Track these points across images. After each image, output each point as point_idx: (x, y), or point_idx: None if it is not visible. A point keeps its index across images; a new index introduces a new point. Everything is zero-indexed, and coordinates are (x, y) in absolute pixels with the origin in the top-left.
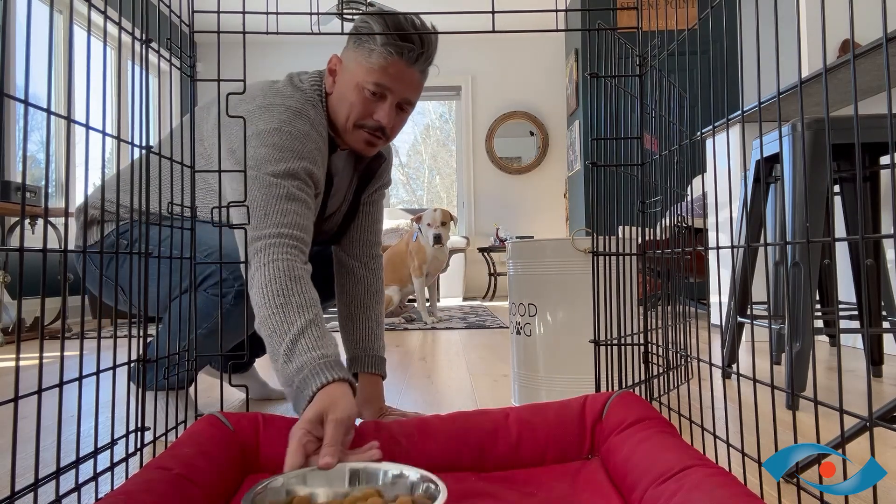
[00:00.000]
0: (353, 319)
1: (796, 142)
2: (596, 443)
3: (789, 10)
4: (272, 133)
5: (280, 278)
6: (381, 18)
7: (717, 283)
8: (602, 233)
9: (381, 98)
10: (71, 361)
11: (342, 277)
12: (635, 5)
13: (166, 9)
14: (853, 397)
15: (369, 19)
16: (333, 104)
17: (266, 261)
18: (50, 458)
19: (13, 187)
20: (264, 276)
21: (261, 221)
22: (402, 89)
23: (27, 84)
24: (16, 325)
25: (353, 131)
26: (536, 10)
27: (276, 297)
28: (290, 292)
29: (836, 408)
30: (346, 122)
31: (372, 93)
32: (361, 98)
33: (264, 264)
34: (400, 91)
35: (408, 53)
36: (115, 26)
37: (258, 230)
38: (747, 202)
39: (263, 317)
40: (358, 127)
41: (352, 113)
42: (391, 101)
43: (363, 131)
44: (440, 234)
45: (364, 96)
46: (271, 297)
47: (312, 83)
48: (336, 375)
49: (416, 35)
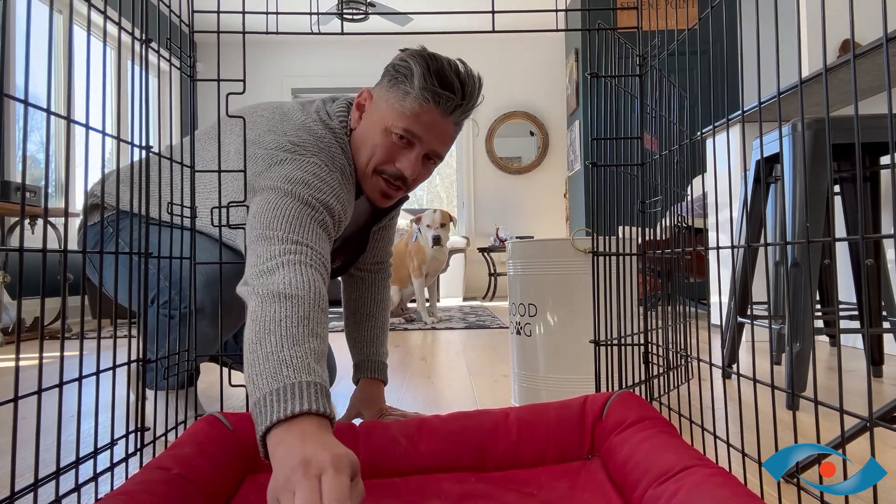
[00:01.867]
0: (359, 325)
1: (796, 142)
2: (596, 443)
3: (789, 10)
4: (305, 185)
5: (316, 294)
6: (424, 61)
7: (717, 283)
8: (602, 233)
9: (408, 146)
10: (71, 361)
11: (349, 284)
12: (635, 5)
13: (166, 9)
14: (853, 397)
15: (409, 59)
16: (356, 143)
17: (306, 262)
18: (50, 459)
19: (13, 187)
20: (301, 279)
21: (294, 228)
22: (433, 140)
23: (27, 84)
24: (16, 325)
25: (370, 177)
26: (536, 10)
27: (301, 321)
28: (315, 321)
29: (836, 408)
30: (365, 165)
31: (400, 137)
32: (388, 142)
33: (305, 264)
34: (430, 142)
35: (445, 103)
36: (114, 26)
37: (293, 233)
38: (747, 202)
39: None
40: (377, 173)
41: (374, 157)
42: (419, 150)
43: (381, 179)
44: (439, 235)
45: (391, 141)
46: (297, 315)
47: (341, 120)
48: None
49: (459, 84)
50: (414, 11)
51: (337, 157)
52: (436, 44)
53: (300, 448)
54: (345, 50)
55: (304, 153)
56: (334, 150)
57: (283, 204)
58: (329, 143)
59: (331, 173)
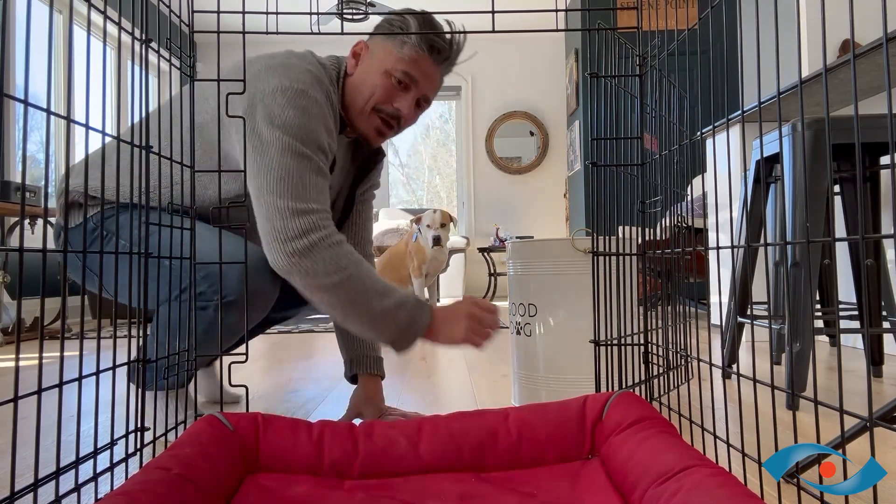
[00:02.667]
0: None
1: (796, 142)
2: (596, 443)
3: (789, 10)
4: (298, 95)
5: (355, 257)
6: (418, 16)
7: (717, 283)
8: (602, 233)
9: (405, 89)
10: (71, 361)
11: None
12: (635, 5)
13: (166, 9)
14: (853, 397)
15: (404, 14)
16: (353, 85)
17: (336, 240)
18: (50, 459)
19: (13, 187)
20: (341, 254)
21: (299, 193)
22: (426, 85)
23: (27, 84)
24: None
25: (368, 115)
26: (536, 10)
27: (365, 274)
28: (369, 272)
29: (836, 408)
30: (364, 104)
31: (398, 81)
32: (388, 84)
33: (336, 243)
34: (424, 86)
35: (437, 53)
36: (114, 26)
37: (302, 202)
38: (747, 202)
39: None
40: (375, 111)
41: (374, 96)
42: (414, 93)
43: (378, 117)
44: (439, 235)
45: (391, 83)
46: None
47: (331, 60)
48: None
49: (449, 37)
50: (414, 11)
51: (324, 82)
52: None
53: (455, 316)
54: (345, 50)
55: (293, 68)
56: (321, 76)
57: (287, 164)
58: (318, 71)
59: (318, 92)
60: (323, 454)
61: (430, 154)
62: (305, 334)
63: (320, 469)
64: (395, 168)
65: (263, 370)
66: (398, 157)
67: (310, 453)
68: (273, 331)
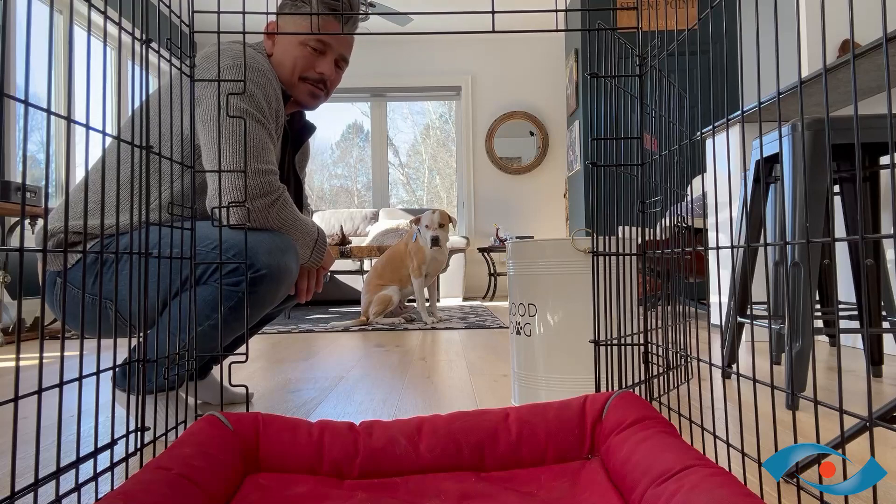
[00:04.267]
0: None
1: (796, 142)
2: (596, 443)
3: (789, 10)
4: (251, 70)
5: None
6: None
7: (716, 283)
8: (602, 233)
9: (321, 53)
10: (71, 362)
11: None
12: (635, 5)
13: (166, 9)
14: (853, 397)
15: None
16: (276, 61)
17: (287, 199)
18: (50, 458)
19: (13, 187)
20: (286, 208)
21: (261, 155)
22: (339, 46)
23: (27, 84)
24: (16, 325)
25: (298, 84)
26: (536, 10)
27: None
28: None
29: (836, 408)
30: (291, 75)
31: (313, 48)
32: (305, 52)
33: (288, 202)
34: (337, 47)
35: (339, 17)
36: (115, 26)
37: (263, 164)
38: (747, 202)
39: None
40: (302, 80)
41: (297, 66)
42: (331, 56)
43: (307, 84)
44: (437, 236)
45: (308, 51)
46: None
47: (255, 43)
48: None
49: (346, 1)
50: (414, 11)
51: (263, 58)
52: (436, 43)
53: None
54: None
55: (239, 49)
56: (260, 55)
57: (251, 130)
58: (259, 48)
59: (265, 66)
60: (323, 454)
61: (430, 154)
62: (305, 334)
63: (320, 469)
64: (395, 168)
65: (263, 370)
66: (398, 157)
67: (310, 453)
68: (273, 331)
